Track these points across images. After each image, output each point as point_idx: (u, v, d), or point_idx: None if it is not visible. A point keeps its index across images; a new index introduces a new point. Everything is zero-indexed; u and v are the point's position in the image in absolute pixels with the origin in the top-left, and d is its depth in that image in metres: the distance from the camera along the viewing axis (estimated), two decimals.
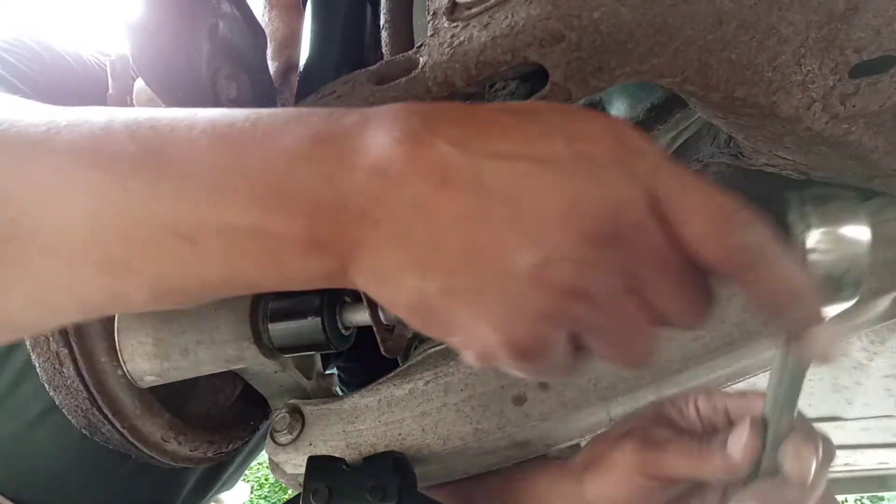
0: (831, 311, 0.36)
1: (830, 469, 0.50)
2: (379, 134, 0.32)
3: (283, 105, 0.65)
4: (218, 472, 0.88)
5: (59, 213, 0.32)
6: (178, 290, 0.34)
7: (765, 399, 0.47)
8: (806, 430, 0.47)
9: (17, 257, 0.33)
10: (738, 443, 0.48)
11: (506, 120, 0.32)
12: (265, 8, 0.88)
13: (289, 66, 0.87)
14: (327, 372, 0.77)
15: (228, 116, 0.34)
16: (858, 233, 0.35)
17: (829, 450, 0.49)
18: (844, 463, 1.29)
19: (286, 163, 0.32)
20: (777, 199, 0.39)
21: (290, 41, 0.85)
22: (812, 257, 0.35)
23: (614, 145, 0.31)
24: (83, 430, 0.66)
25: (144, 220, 0.32)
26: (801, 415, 0.47)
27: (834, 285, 0.35)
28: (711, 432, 0.54)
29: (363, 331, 0.64)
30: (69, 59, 0.78)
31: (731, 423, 0.53)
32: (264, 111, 0.34)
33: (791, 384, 0.42)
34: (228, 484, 0.95)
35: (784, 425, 0.46)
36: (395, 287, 0.32)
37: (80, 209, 0.32)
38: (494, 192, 0.30)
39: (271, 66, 0.73)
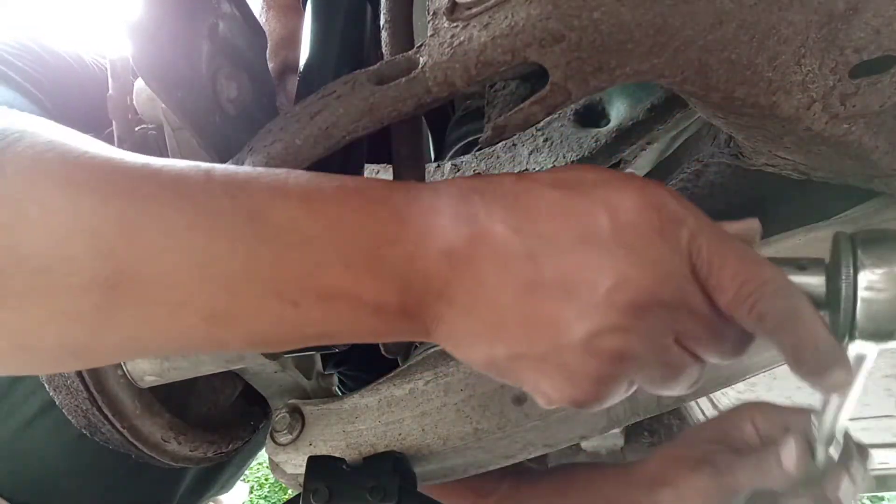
0: (883, 348, 0.38)
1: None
2: (445, 218, 0.36)
3: (281, 107, 0.65)
4: (215, 472, 0.88)
5: (165, 267, 0.35)
6: (273, 342, 0.38)
7: (813, 412, 0.51)
8: (850, 447, 0.52)
9: (120, 304, 0.35)
10: (790, 455, 0.54)
11: (552, 196, 0.36)
12: (263, 8, 0.88)
13: (285, 67, 0.87)
14: (327, 372, 0.77)
15: (317, 186, 0.37)
16: None
17: (866, 453, 0.55)
18: None
19: (375, 243, 0.36)
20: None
21: (286, 42, 0.85)
22: (865, 295, 0.36)
23: (655, 217, 0.34)
24: (83, 430, 0.66)
25: (248, 280, 0.35)
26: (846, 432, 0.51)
27: (888, 325, 0.36)
28: (769, 444, 0.59)
29: None
30: (69, 61, 0.78)
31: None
32: (348, 179, 0.38)
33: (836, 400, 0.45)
34: (227, 486, 0.95)
35: (830, 436, 0.49)
36: (470, 352, 0.37)
37: (186, 263, 0.35)
38: (547, 271, 0.34)
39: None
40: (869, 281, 0.36)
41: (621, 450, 1.48)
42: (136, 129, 0.67)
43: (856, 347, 0.38)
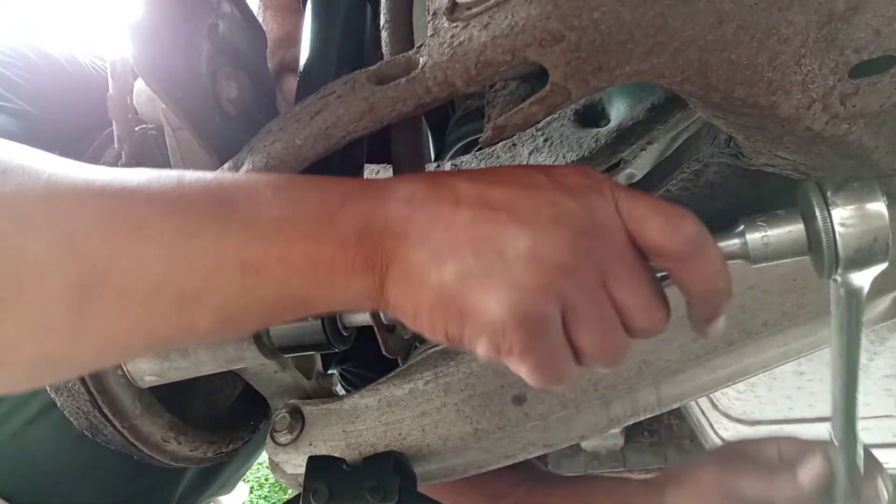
0: (869, 275, 0.43)
1: None
2: (407, 180, 0.41)
3: (278, 107, 0.65)
4: (215, 471, 0.88)
5: (137, 256, 0.37)
6: (240, 315, 0.40)
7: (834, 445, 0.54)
8: (874, 469, 0.56)
9: (93, 305, 0.36)
10: (810, 472, 0.59)
11: (500, 170, 0.43)
12: (259, 9, 0.88)
13: (281, 67, 0.87)
14: (328, 372, 0.77)
15: (284, 176, 0.42)
16: (878, 206, 0.42)
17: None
18: None
19: (340, 202, 0.40)
20: (795, 189, 0.45)
21: (283, 42, 0.85)
22: (841, 231, 0.42)
23: (584, 177, 0.41)
24: (85, 431, 0.66)
25: (215, 255, 0.38)
26: (868, 452, 0.55)
27: (866, 253, 0.42)
28: (787, 468, 0.63)
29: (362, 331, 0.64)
30: (64, 64, 0.78)
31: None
32: (316, 175, 0.42)
33: (848, 428, 0.49)
34: (227, 486, 0.95)
35: (852, 460, 0.53)
36: (418, 288, 0.39)
37: (157, 251, 0.37)
38: (496, 205, 0.39)
39: None
40: (842, 218, 0.42)
41: (621, 450, 1.48)
42: (136, 129, 0.67)
43: (847, 281, 0.43)
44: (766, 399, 1.12)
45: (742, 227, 0.45)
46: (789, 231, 0.44)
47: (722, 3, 0.40)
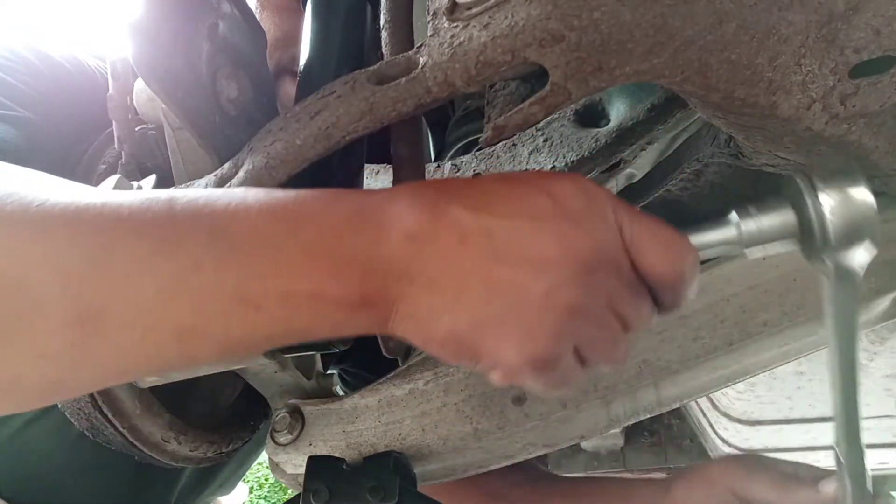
0: (861, 258, 0.44)
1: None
2: (405, 206, 0.39)
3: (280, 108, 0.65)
4: (214, 471, 0.88)
5: (135, 293, 0.36)
6: (242, 348, 0.39)
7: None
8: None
9: (93, 338, 0.36)
10: (832, 485, 0.60)
11: (499, 187, 0.41)
12: (256, 9, 0.88)
13: (279, 68, 0.87)
14: (327, 372, 0.77)
15: (276, 197, 0.39)
16: (862, 192, 0.43)
17: None
18: None
19: (336, 237, 0.38)
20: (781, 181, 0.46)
21: (280, 43, 0.85)
22: (830, 218, 0.43)
23: (586, 198, 0.40)
24: (86, 431, 0.66)
25: (214, 292, 0.37)
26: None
27: (856, 229, 0.43)
28: (805, 484, 0.64)
29: None
30: (66, 65, 0.77)
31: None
32: (305, 190, 0.40)
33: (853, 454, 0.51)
34: (227, 485, 0.95)
35: (861, 481, 0.53)
36: (429, 328, 0.39)
37: (155, 287, 0.36)
38: (503, 242, 0.38)
39: None
40: (830, 199, 0.43)
41: (621, 450, 1.48)
42: (136, 129, 0.67)
43: (839, 262, 0.45)
44: (766, 399, 1.12)
45: (734, 214, 0.46)
46: (780, 214, 0.45)
47: (722, 3, 0.40)
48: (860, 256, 0.44)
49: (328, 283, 0.38)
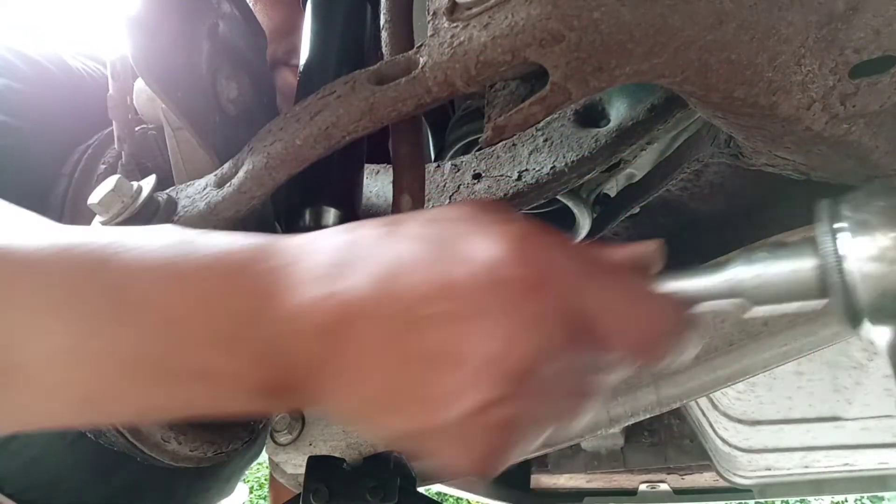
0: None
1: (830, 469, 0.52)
2: (315, 288, 0.34)
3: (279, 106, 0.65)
4: (214, 471, 0.88)
5: (34, 353, 0.34)
6: (159, 412, 0.38)
7: None
8: None
9: (5, 391, 0.35)
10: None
11: (422, 255, 0.34)
12: (249, 1, 0.88)
13: (273, 60, 0.86)
14: None
15: (182, 256, 0.35)
16: None
17: None
18: (844, 463, 1.29)
19: (239, 325, 0.34)
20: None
21: (273, 36, 0.84)
22: (860, 270, 0.33)
23: (531, 273, 0.33)
24: (87, 432, 0.66)
25: (116, 361, 0.34)
26: None
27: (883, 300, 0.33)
28: None
29: None
30: (48, 66, 0.75)
31: None
32: (217, 239, 0.36)
33: None
34: (227, 485, 0.95)
35: None
36: (361, 424, 0.36)
37: (54, 348, 0.34)
38: (429, 341, 0.32)
39: None
40: (861, 250, 0.33)
41: (621, 450, 1.48)
42: (136, 129, 0.67)
43: (867, 332, 0.36)
44: (766, 399, 1.13)
45: (736, 259, 0.38)
46: (793, 269, 0.35)
47: (722, 3, 0.40)
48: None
49: (234, 370, 0.34)
